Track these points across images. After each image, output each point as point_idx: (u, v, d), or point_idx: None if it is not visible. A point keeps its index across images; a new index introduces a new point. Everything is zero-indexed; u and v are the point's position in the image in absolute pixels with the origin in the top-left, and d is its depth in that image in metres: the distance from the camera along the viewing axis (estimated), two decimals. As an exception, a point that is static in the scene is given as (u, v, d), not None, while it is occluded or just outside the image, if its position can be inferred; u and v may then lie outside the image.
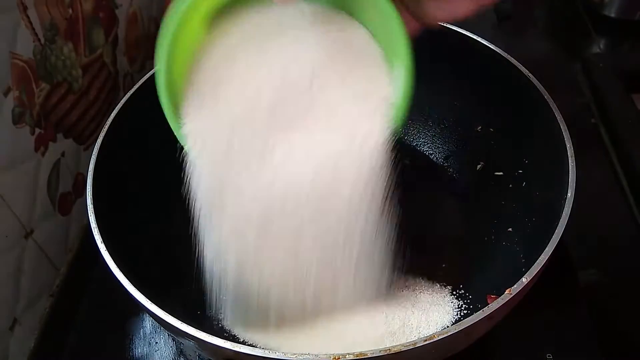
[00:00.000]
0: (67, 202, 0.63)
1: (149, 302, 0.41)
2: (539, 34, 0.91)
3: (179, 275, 0.56)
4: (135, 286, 0.42)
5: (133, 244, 0.53)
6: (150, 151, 0.60)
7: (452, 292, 0.54)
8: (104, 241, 0.45)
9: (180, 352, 0.54)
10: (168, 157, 0.63)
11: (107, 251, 0.44)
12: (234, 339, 0.50)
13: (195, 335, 0.39)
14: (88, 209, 0.47)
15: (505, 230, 0.57)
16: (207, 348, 0.41)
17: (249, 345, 0.48)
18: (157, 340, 0.55)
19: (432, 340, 0.36)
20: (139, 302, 0.41)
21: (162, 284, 0.53)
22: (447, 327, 0.45)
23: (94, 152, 0.51)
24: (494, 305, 0.39)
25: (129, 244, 0.52)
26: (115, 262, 0.43)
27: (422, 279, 0.55)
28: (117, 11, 0.74)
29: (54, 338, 0.57)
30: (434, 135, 0.68)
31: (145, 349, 0.54)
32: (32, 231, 0.56)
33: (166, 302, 0.51)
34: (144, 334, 0.55)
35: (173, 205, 0.61)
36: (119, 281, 0.42)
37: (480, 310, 0.38)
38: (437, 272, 0.56)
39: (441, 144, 0.67)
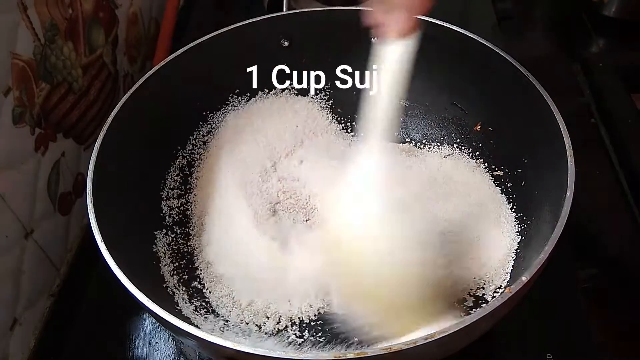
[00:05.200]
0: (67, 202, 0.63)
1: (149, 301, 0.41)
2: (539, 34, 0.91)
3: (179, 275, 0.56)
4: (135, 285, 0.42)
5: (133, 244, 0.53)
6: (150, 151, 0.60)
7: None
8: (104, 241, 0.45)
9: (180, 352, 0.54)
10: (168, 157, 0.63)
11: (107, 251, 0.44)
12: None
13: (195, 334, 0.39)
14: (88, 209, 0.47)
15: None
16: (208, 347, 0.41)
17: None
18: (157, 340, 0.55)
19: (433, 339, 0.36)
20: (139, 301, 0.41)
21: (162, 283, 0.53)
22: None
23: (94, 152, 0.51)
24: (494, 303, 0.39)
25: (129, 243, 0.52)
26: (115, 261, 0.43)
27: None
28: (117, 11, 0.74)
29: (54, 338, 0.57)
30: (433, 134, 0.68)
31: (145, 349, 0.54)
32: (32, 231, 0.56)
33: (166, 302, 0.51)
34: (144, 334, 0.55)
35: (172, 205, 0.61)
36: (119, 281, 0.42)
37: (481, 309, 0.38)
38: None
39: (440, 143, 0.67)
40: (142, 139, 0.58)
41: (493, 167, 0.62)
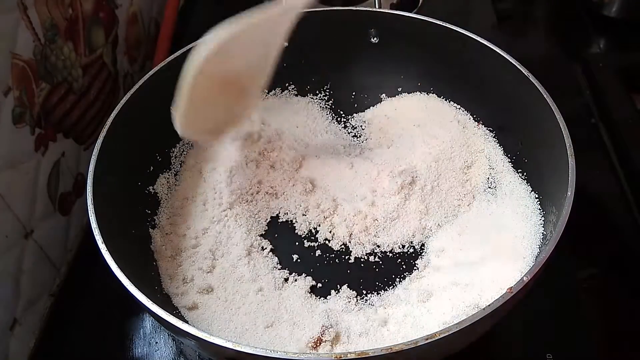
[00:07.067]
0: (67, 202, 0.63)
1: (149, 301, 0.41)
2: (539, 34, 0.91)
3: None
4: (135, 285, 0.42)
5: (133, 244, 0.53)
6: (150, 151, 0.60)
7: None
8: (104, 241, 0.45)
9: (180, 352, 0.54)
10: (168, 157, 0.63)
11: (107, 251, 0.44)
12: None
13: (196, 334, 0.39)
14: (88, 209, 0.47)
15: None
16: (208, 347, 0.41)
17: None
18: (157, 340, 0.55)
19: (433, 339, 0.36)
20: (139, 301, 0.41)
21: (162, 283, 0.53)
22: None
23: (94, 152, 0.51)
24: (495, 303, 0.39)
25: (130, 244, 0.52)
26: (115, 262, 0.43)
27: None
28: (117, 11, 0.74)
29: (54, 338, 0.57)
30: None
31: (145, 349, 0.54)
32: (32, 231, 0.56)
33: (167, 302, 0.51)
34: (144, 334, 0.55)
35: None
36: (119, 281, 0.42)
37: (482, 309, 0.38)
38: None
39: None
40: (142, 139, 0.58)
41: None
